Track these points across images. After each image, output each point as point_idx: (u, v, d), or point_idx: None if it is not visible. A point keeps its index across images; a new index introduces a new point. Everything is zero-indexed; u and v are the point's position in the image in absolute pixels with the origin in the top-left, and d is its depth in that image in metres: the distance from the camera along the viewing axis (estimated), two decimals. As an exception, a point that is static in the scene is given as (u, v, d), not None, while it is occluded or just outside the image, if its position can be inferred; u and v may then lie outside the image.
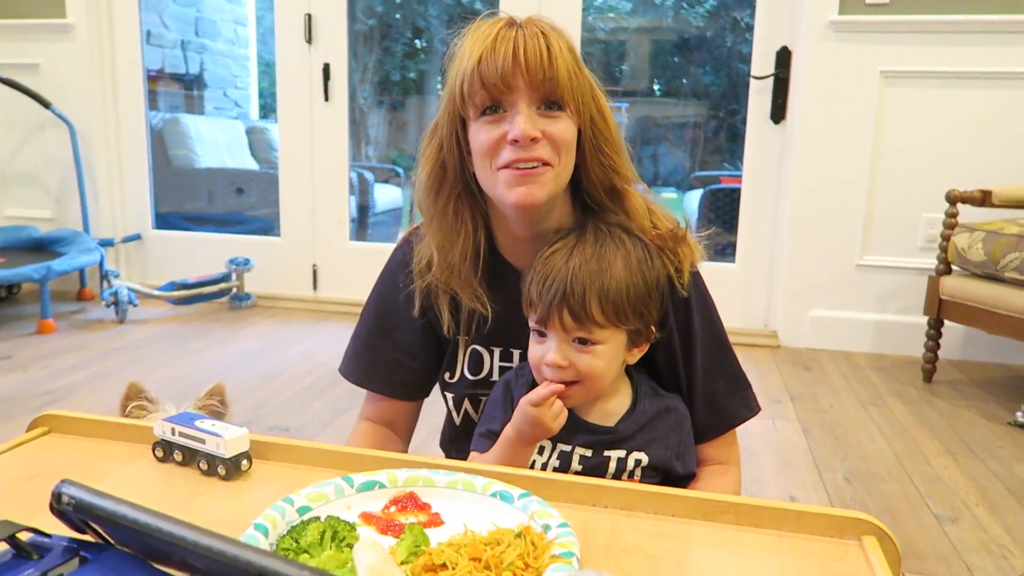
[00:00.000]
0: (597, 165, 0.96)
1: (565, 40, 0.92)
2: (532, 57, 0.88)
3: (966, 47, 2.81)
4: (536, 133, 0.89)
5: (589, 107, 0.94)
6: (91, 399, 2.34)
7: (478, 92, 0.90)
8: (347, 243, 3.60)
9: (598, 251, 0.91)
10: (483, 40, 0.90)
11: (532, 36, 0.89)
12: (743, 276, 3.23)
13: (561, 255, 0.91)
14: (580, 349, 0.91)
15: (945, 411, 2.39)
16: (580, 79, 0.92)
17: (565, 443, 0.95)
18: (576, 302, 0.88)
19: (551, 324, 0.91)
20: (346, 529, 0.68)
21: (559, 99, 0.90)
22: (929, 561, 1.53)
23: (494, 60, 0.88)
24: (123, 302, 3.20)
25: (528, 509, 0.73)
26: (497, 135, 0.90)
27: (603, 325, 0.90)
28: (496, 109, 0.90)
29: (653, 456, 0.95)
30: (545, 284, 0.90)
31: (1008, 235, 2.36)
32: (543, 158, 0.90)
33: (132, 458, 0.86)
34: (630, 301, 0.90)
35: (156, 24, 4.76)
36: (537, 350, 0.94)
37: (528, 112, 0.89)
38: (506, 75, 0.88)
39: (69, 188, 3.64)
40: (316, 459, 0.85)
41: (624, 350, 0.94)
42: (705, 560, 0.69)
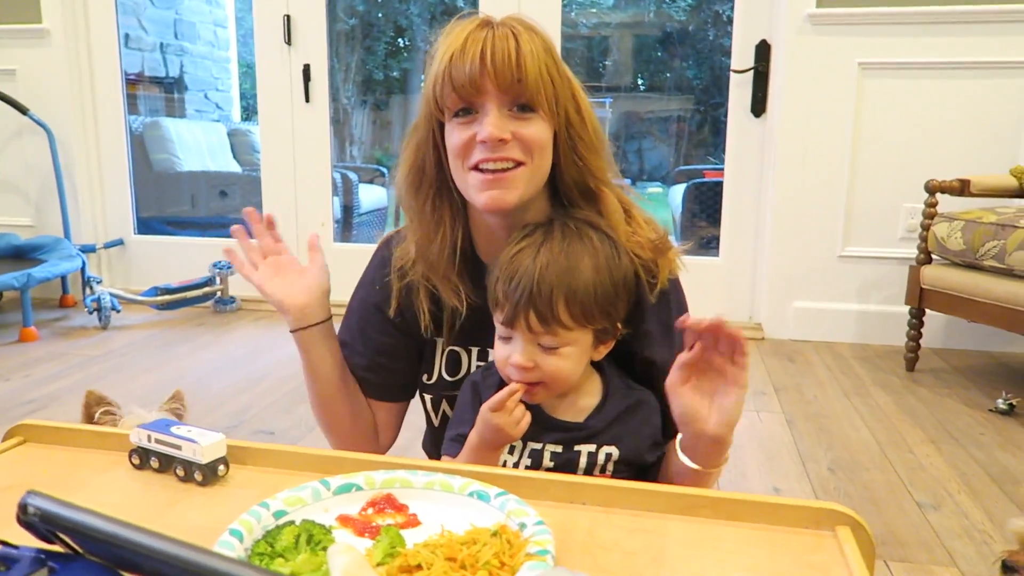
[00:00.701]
0: (572, 166, 0.96)
1: (540, 40, 0.92)
2: (500, 59, 0.88)
3: (943, 38, 2.83)
4: (504, 135, 0.89)
5: (565, 107, 0.93)
6: (74, 407, 2.30)
7: (449, 95, 0.90)
8: (331, 244, 3.59)
9: (566, 250, 0.90)
10: (454, 42, 0.90)
11: (502, 37, 0.89)
12: (727, 269, 3.24)
13: (528, 253, 0.90)
14: (546, 351, 0.90)
15: (928, 399, 2.41)
16: (556, 79, 0.92)
17: (535, 441, 0.95)
18: (543, 304, 0.87)
19: (517, 325, 0.90)
20: (321, 532, 0.68)
21: (529, 101, 0.90)
22: (911, 548, 1.55)
23: (463, 63, 0.88)
24: (106, 308, 3.18)
25: (505, 508, 0.73)
26: (468, 136, 0.91)
27: (570, 327, 0.89)
28: (468, 111, 0.91)
29: (624, 450, 0.95)
30: (512, 284, 0.89)
31: (986, 224, 2.38)
32: (514, 158, 0.90)
33: (109, 466, 0.86)
34: (597, 301, 0.90)
35: (134, 27, 4.73)
36: (502, 351, 0.93)
37: (497, 114, 0.89)
38: (474, 77, 0.88)
39: (49, 194, 3.61)
40: (294, 463, 0.85)
41: (591, 349, 0.94)
42: (681, 555, 0.70)
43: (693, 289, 1.08)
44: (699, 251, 3.58)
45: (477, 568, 0.64)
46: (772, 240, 3.08)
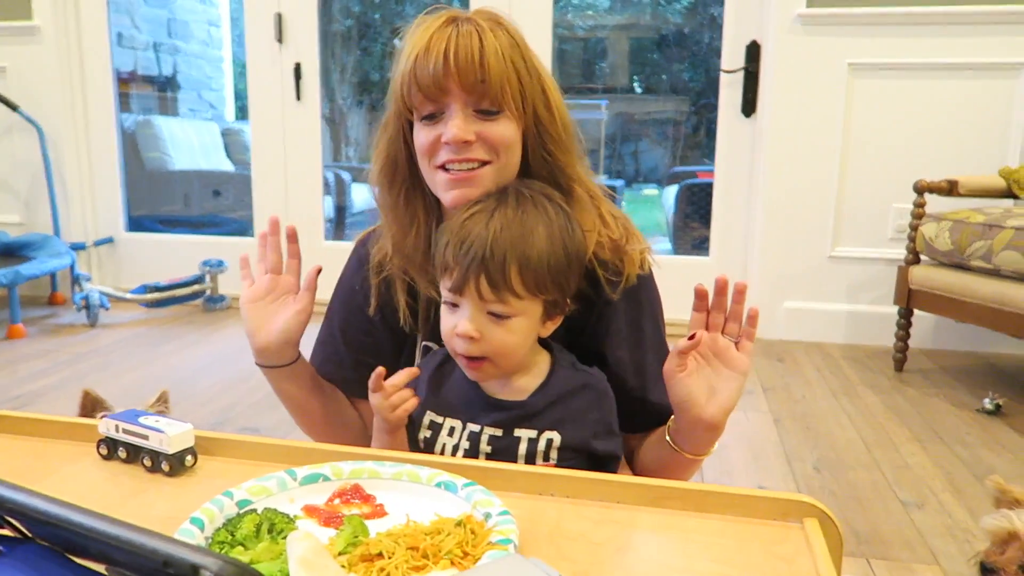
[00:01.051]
0: (541, 162, 0.95)
1: (506, 36, 0.91)
2: (463, 60, 0.87)
3: (932, 38, 2.83)
4: (468, 136, 0.89)
5: (533, 104, 0.92)
6: (60, 404, 2.31)
7: (415, 95, 0.90)
8: (323, 243, 3.58)
9: (520, 216, 0.87)
10: (419, 41, 0.90)
11: (466, 35, 0.88)
12: (718, 269, 3.22)
13: (480, 218, 0.87)
14: (494, 321, 0.87)
15: (915, 399, 2.41)
16: (524, 75, 0.91)
17: (474, 423, 0.92)
18: (495, 268, 0.85)
19: (467, 291, 0.86)
20: (283, 521, 0.67)
21: (493, 102, 0.89)
22: (894, 546, 1.54)
23: (426, 64, 0.88)
24: (94, 306, 3.17)
25: (472, 499, 0.72)
26: (434, 137, 0.91)
27: (521, 295, 0.86)
28: (434, 114, 0.91)
29: (567, 436, 0.90)
30: (463, 247, 0.86)
31: (974, 224, 2.39)
32: (479, 159, 0.90)
33: (77, 456, 0.85)
34: (550, 270, 0.87)
35: (127, 26, 4.71)
36: (449, 321, 0.90)
37: (462, 115, 0.89)
38: (438, 79, 0.88)
39: (39, 192, 3.60)
40: (263, 454, 0.84)
41: (539, 323, 0.91)
42: (647, 545, 0.69)
43: (684, 289, 1.08)
44: (690, 251, 3.59)
45: (439, 557, 0.64)
46: (762, 240, 3.08)
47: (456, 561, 0.63)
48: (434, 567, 0.63)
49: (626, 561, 0.66)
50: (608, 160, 4.59)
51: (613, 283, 0.98)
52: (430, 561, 0.63)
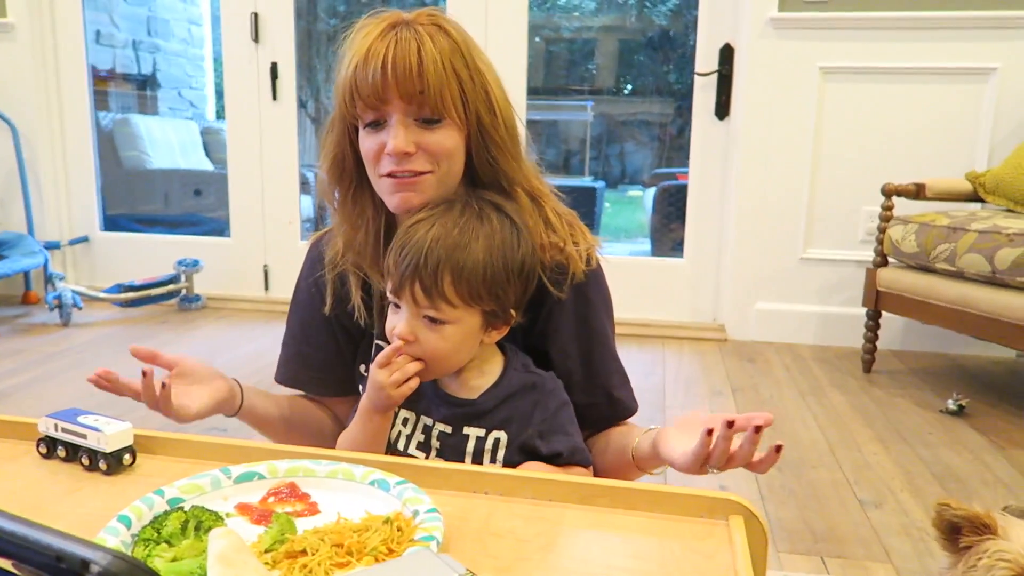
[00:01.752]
0: (485, 165, 0.96)
1: (446, 41, 0.90)
2: (401, 70, 0.87)
3: (902, 43, 2.87)
4: (409, 148, 0.90)
5: (476, 109, 0.93)
6: (28, 403, 2.30)
7: (357, 103, 0.91)
8: (299, 243, 3.58)
9: (460, 226, 0.89)
10: (359, 49, 0.90)
11: (404, 44, 0.88)
12: (691, 271, 3.26)
13: (423, 226, 0.89)
14: (429, 327, 0.89)
15: (881, 400, 2.44)
16: (465, 82, 0.91)
17: (427, 416, 0.95)
18: (428, 276, 0.86)
19: (403, 295, 0.89)
20: (211, 519, 0.68)
21: (432, 111, 0.90)
22: (849, 544, 1.56)
23: (365, 74, 0.89)
24: (67, 305, 3.15)
25: (402, 496, 0.74)
26: (377, 146, 0.92)
27: (454, 304, 0.88)
28: (378, 122, 0.92)
29: (513, 434, 0.92)
30: (401, 253, 0.88)
31: (939, 227, 2.42)
32: (419, 170, 0.91)
33: (16, 455, 0.86)
34: (486, 281, 0.88)
35: (106, 24, 4.69)
36: (391, 321, 0.92)
37: (402, 125, 0.90)
38: (377, 89, 0.89)
39: (12, 190, 3.58)
40: (203, 452, 0.85)
41: (479, 331, 0.92)
42: (572, 542, 0.70)
43: (658, 291, 1.09)
44: (668, 253, 3.61)
45: (364, 554, 0.65)
46: (735, 242, 3.10)
47: (380, 558, 0.64)
48: (357, 564, 0.64)
49: (549, 558, 0.68)
50: (593, 161, 4.61)
51: (559, 281, 0.98)
52: (353, 558, 0.64)
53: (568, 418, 0.97)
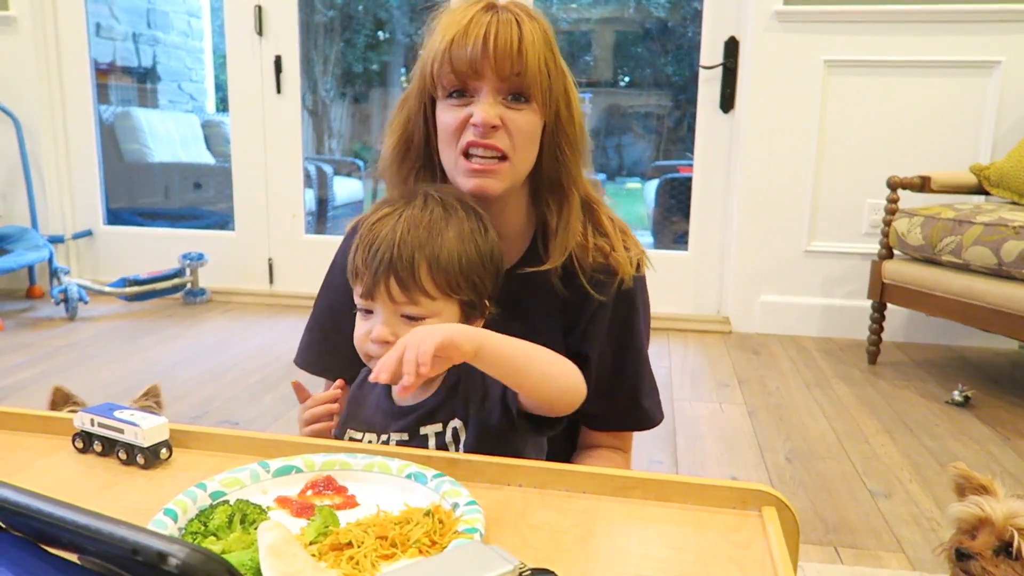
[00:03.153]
0: (552, 160, 0.96)
1: (541, 31, 0.91)
2: (502, 46, 0.88)
3: (907, 36, 2.88)
4: (496, 121, 0.90)
5: (557, 102, 0.93)
6: (37, 397, 2.30)
7: (447, 75, 0.90)
8: (303, 236, 3.58)
9: (428, 216, 0.87)
10: (457, 22, 0.90)
11: (505, 23, 0.88)
12: (695, 263, 3.27)
13: (388, 221, 0.87)
14: (409, 324, 0.85)
15: (887, 392, 2.46)
16: (553, 72, 0.92)
17: (384, 433, 0.91)
18: (404, 268, 0.84)
19: (378, 295, 0.85)
20: (256, 512, 0.69)
21: (525, 91, 0.90)
22: (861, 535, 1.58)
23: (464, 45, 0.88)
24: (73, 299, 3.15)
25: (440, 489, 0.74)
26: (461, 117, 0.91)
27: (433, 296, 0.85)
28: (463, 93, 0.91)
29: (465, 417, 0.88)
30: (371, 251, 0.85)
31: (945, 220, 2.43)
32: (501, 149, 0.91)
33: (52, 450, 0.86)
34: (463, 269, 0.86)
35: (106, 16, 4.67)
36: (362, 327, 0.88)
37: (492, 99, 0.90)
38: (475, 61, 0.88)
39: (16, 184, 3.57)
40: (236, 446, 0.86)
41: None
42: (608, 534, 0.71)
43: (662, 283, 1.10)
44: (671, 245, 3.62)
45: (408, 546, 0.66)
46: (739, 235, 3.12)
47: (424, 549, 0.65)
48: (402, 555, 0.65)
49: (587, 548, 0.69)
50: (592, 153, 4.60)
51: (601, 283, 0.99)
52: (398, 550, 0.65)
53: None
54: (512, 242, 1.02)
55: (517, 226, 1.01)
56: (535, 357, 0.81)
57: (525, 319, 1.02)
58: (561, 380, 0.82)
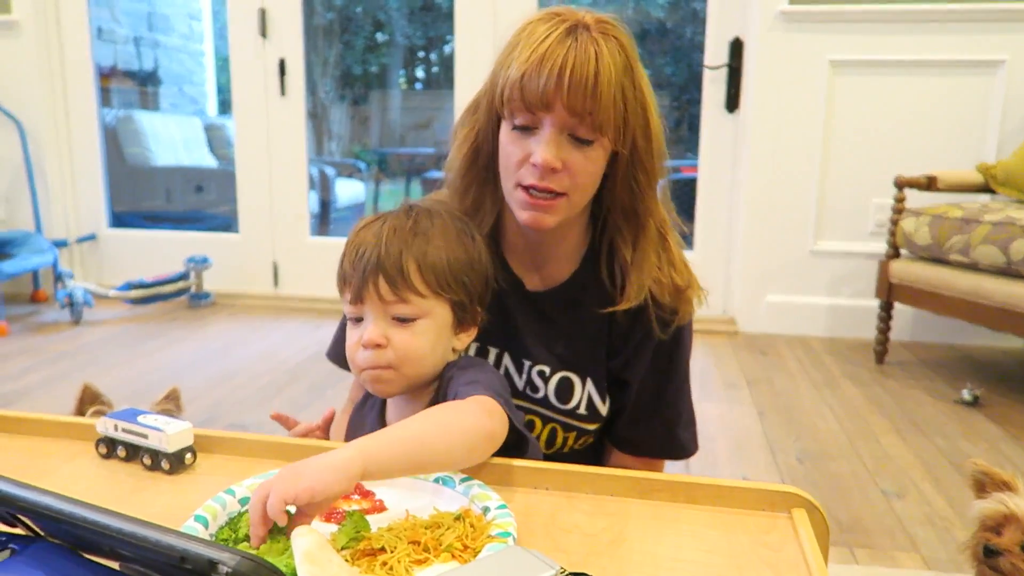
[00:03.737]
0: (626, 190, 0.93)
1: (621, 57, 0.86)
2: (576, 84, 0.83)
3: (912, 36, 2.88)
4: (557, 164, 0.86)
5: (633, 133, 0.89)
6: (44, 402, 2.30)
7: (516, 104, 0.87)
8: (307, 239, 3.58)
9: (413, 219, 0.87)
10: (535, 48, 0.85)
11: (583, 57, 0.84)
12: (701, 264, 3.27)
13: (373, 226, 0.87)
14: (399, 326, 0.84)
15: (895, 391, 2.46)
16: (630, 102, 0.87)
17: None
18: (392, 266, 0.83)
19: (367, 296, 0.84)
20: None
21: (596, 129, 0.86)
22: (875, 535, 1.58)
23: (537, 78, 0.84)
24: (78, 303, 3.15)
25: (469, 493, 0.74)
26: (522, 154, 0.88)
27: (423, 293, 0.84)
28: (527, 127, 0.88)
29: None
30: (358, 254, 0.85)
31: (952, 219, 2.43)
32: (557, 190, 0.88)
33: (75, 456, 0.86)
34: (451, 267, 0.86)
35: (107, 20, 4.66)
36: (352, 335, 0.87)
37: (557, 139, 0.86)
38: (547, 96, 0.84)
39: (20, 188, 3.57)
40: (260, 451, 0.86)
41: (450, 328, 0.88)
42: (639, 536, 0.71)
43: None
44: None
45: (440, 551, 0.66)
46: (745, 235, 3.11)
47: (456, 554, 0.65)
48: (435, 560, 0.65)
49: (619, 552, 0.68)
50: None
51: (667, 322, 0.97)
52: (431, 554, 0.65)
53: (475, 376, 0.88)
54: (563, 260, 1.01)
55: (571, 245, 1.00)
56: (428, 437, 0.74)
57: (569, 340, 1.01)
58: (465, 442, 0.76)
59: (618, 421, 1.04)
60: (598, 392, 1.02)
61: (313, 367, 2.62)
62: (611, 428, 1.06)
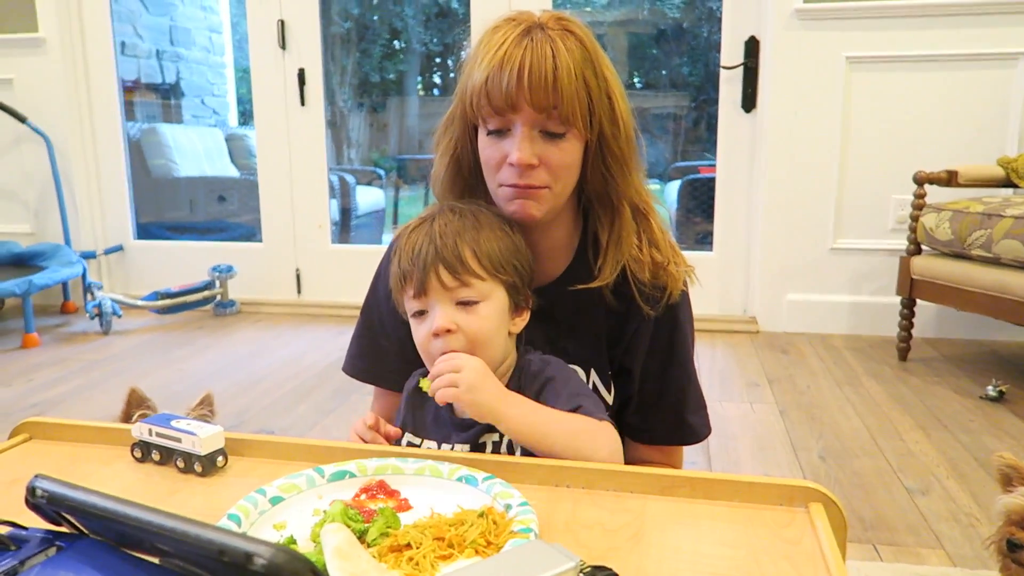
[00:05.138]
0: (598, 177, 0.96)
1: (578, 49, 0.90)
2: (536, 81, 0.87)
3: (929, 31, 2.86)
4: (533, 161, 0.90)
5: (600, 121, 0.92)
6: (76, 411, 2.35)
7: (485, 109, 0.91)
8: (329, 246, 3.62)
9: (459, 216, 0.93)
10: (494, 53, 0.89)
11: (540, 55, 0.88)
12: (720, 264, 3.27)
13: (423, 227, 0.92)
14: (465, 311, 0.90)
15: (918, 388, 2.45)
16: (594, 91, 0.91)
17: (447, 442, 0.94)
18: (450, 254, 0.88)
19: (430, 288, 0.89)
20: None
21: (561, 124, 0.90)
22: (900, 532, 1.58)
23: (499, 81, 0.88)
24: (107, 313, 3.21)
25: (491, 491, 0.76)
26: (499, 156, 0.93)
27: (482, 276, 0.89)
28: (500, 130, 0.92)
29: None
30: (415, 251, 0.90)
31: (973, 214, 2.42)
32: (539, 184, 0.92)
33: (111, 460, 0.89)
34: (503, 252, 0.91)
35: (130, 34, 4.75)
36: (422, 329, 0.92)
37: (527, 136, 0.90)
38: (510, 97, 0.88)
39: (48, 202, 3.65)
40: (290, 453, 0.88)
41: (508, 312, 0.93)
42: (660, 532, 0.73)
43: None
44: (694, 246, 3.62)
45: (464, 547, 0.68)
46: (764, 234, 3.11)
47: (480, 550, 0.67)
48: (459, 556, 0.67)
49: (640, 547, 0.70)
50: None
51: (654, 299, 0.99)
52: (455, 550, 0.67)
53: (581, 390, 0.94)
54: (557, 254, 1.03)
55: (562, 238, 1.02)
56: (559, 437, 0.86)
57: (571, 333, 1.03)
58: (578, 456, 0.85)
59: (627, 410, 1.05)
60: (602, 382, 1.03)
61: (337, 372, 2.65)
62: (622, 418, 1.07)
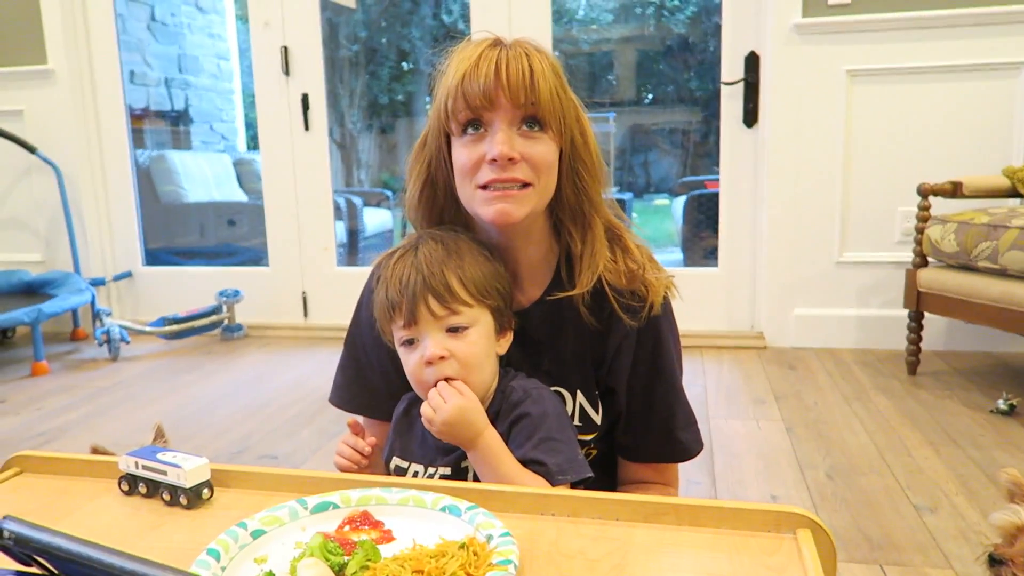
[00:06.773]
0: (571, 187, 0.97)
1: (549, 62, 0.94)
2: (514, 76, 0.90)
3: (929, 42, 2.86)
4: (514, 154, 0.91)
5: (571, 129, 0.95)
6: (83, 438, 2.36)
7: (461, 109, 0.92)
8: (335, 269, 3.64)
9: (441, 244, 0.95)
10: (467, 59, 0.92)
11: (515, 57, 0.91)
12: (726, 279, 3.26)
13: (406, 257, 0.94)
14: (455, 337, 0.92)
15: (928, 402, 2.42)
16: (563, 101, 0.94)
17: (432, 466, 0.96)
18: (439, 284, 0.91)
19: (420, 317, 0.91)
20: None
21: (540, 119, 0.92)
22: (907, 552, 1.55)
23: (477, 77, 0.90)
24: (115, 340, 3.23)
25: (474, 521, 0.76)
26: (476, 155, 0.92)
27: (468, 302, 0.92)
28: (478, 127, 0.92)
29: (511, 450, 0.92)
30: (403, 282, 0.92)
31: (979, 225, 2.40)
32: (521, 179, 0.92)
33: (99, 493, 0.89)
34: (486, 277, 0.94)
35: (139, 63, 4.83)
36: (413, 357, 0.93)
37: (508, 132, 0.91)
38: (488, 92, 0.90)
39: (58, 230, 3.69)
40: (276, 484, 0.88)
41: (494, 335, 0.96)
42: (643, 561, 0.72)
43: (694, 300, 1.10)
44: (699, 262, 3.61)
45: (443, 580, 0.67)
46: (770, 249, 3.10)
47: (460, 583, 0.67)
48: (438, 589, 0.66)
49: (622, 577, 0.69)
50: (619, 172, 4.63)
51: (633, 309, 0.99)
52: (434, 583, 0.66)
53: (562, 430, 0.95)
54: (536, 276, 1.03)
55: (538, 258, 1.02)
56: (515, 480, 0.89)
57: (554, 354, 1.02)
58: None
59: (617, 429, 1.05)
60: (589, 403, 1.03)
61: (342, 396, 2.65)
62: (612, 437, 1.06)
